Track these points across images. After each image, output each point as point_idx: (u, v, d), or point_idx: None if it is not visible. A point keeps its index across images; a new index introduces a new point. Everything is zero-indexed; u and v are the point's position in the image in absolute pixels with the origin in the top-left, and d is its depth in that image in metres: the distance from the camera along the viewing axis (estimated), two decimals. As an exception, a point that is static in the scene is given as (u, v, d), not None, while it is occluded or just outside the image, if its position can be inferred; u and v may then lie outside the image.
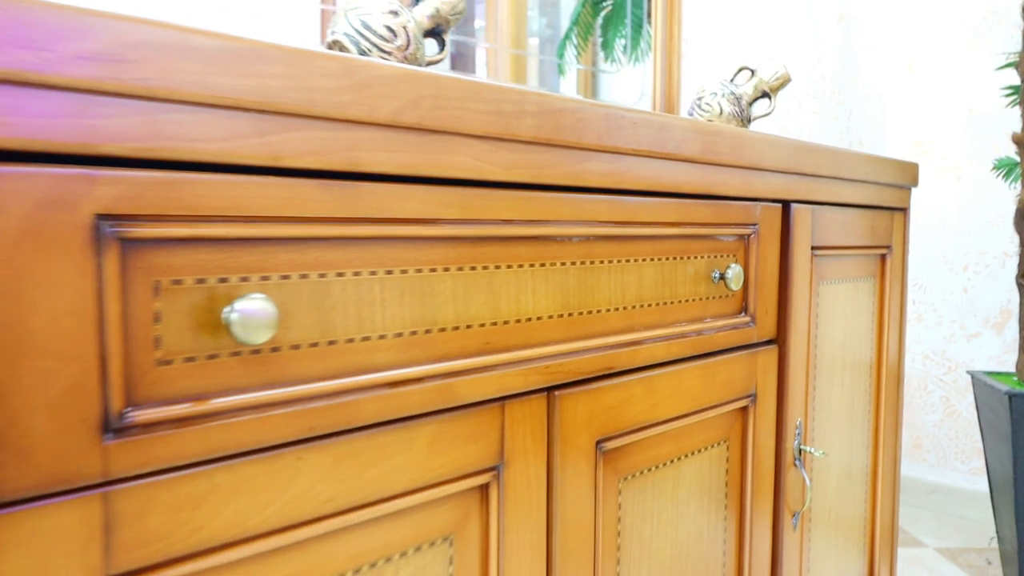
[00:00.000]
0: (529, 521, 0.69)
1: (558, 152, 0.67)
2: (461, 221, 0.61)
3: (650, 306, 0.81)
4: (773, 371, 0.99)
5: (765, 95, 1.22)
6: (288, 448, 0.52)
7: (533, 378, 0.68)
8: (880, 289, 1.25)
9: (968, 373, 1.93)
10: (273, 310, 0.48)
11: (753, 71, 1.24)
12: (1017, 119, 2.12)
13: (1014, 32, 2.18)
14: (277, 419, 0.51)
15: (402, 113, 0.55)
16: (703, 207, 0.85)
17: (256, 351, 0.50)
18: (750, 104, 1.22)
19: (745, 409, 0.96)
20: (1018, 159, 1.78)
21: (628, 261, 0.78)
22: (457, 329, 0.62)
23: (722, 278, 0.89)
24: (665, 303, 0.82)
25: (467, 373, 0.63)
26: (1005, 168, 1.93)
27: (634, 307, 0.79)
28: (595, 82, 1.89)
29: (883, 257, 1.25)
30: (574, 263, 0.72)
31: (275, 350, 0.51)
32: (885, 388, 1.27)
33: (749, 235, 0.94)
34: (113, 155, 0.42)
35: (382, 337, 0.57)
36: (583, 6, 1.99)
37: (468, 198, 0.61)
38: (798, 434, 1.04)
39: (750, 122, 1.24)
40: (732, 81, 1.24)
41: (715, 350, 0.90)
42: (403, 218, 0.57)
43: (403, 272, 0.58)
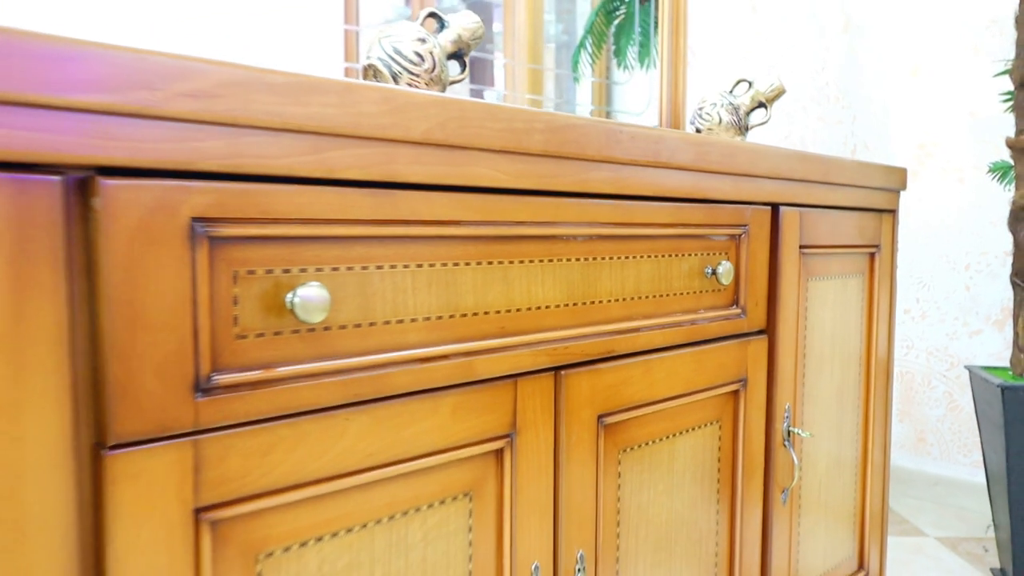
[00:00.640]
0: (538, 483, 0.79)
1: (564, 163, 0.77)
2: (480, 222, 0.72)
3: (647, 298, 0.91)
4: (763, 359, 1.09)
5: (761, 105, 1.32)
6: (337, 410, 0.63)
7: (542, 359, 0.78)
8: (869, 285, 1.35)
9: (966, 368, 2.01)
10: (326, 296, 0.59)
11: (750, 83, 1.33)
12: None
13: (1014, 40, 2.25)
14: (328, 386, 0.62)
15: (431, 132, 0.65)
16: (696, 210, 0.95)
17: (312, 329, 0.61)
18: (747, 114, 1.32)
19: (736, 393, 1.06)
20: (1012, 163, 1.86)
21: (627, 258, 0.88)
22: (476, 315, 0.73)
23: (714, 273, 0.99)
24: (661, 295, 0.93)
25: (484, 353, 0.73)
26: (1000, 171, 2.00)
27: (633, 298, 0.89)
28: (609, 88, 1.99)
29: (872, 256, 1.34)
30: (578, 259, 0.82)
31: (327, 329, 0.62)
32: (875, 378, 1.37)
33: (740, 235, 1.03)
34: (205, 170, 0.53)
35: (413, 320, 0.68)
36: (597, 15, 2.09)
37: (486, 203, 0.72)
38: (787, 417, 1.14)
39: (748, 130, 1.33)
40: (731, 92, 1.34)
41: (708, 338, 1.00)
42: (431, 220, 0.67)
43: (431, 265, 0.69)
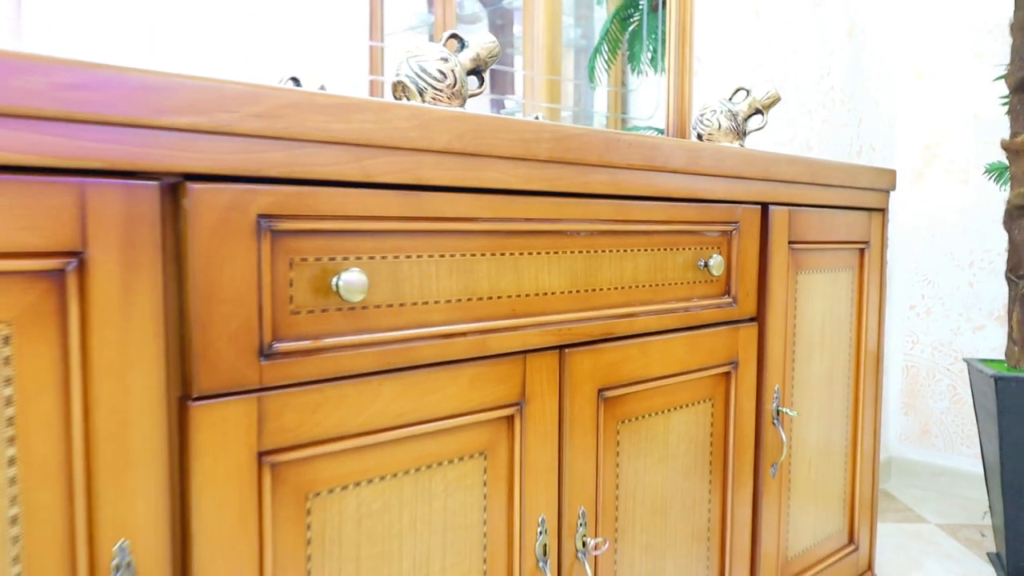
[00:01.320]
0: (545, 446, 0.91)
1: (567, 168, 0.89)
2: (494, 219, 0.83)
3: (644, 286, 1.02)
4: (753, 344, 1.20)
5: (758, 112, 1.43)
6: (373, 376, 0.75)
7: (548, 338, 0.90)
8: (859, 279, 1.45)
9: (964, 360, 2.09)
10: (365, 280, 0.71)
11: (748, 91, 1.44)
12: (1017, 125, 2.27)
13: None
14: (366, 355, 0.74)
15: (452, 143, 0.77)
16: (689, 208, 1.06)
17: (352, 308, 0.73)
18: (745, 120, 1.43)
19: (728, 374, 1.17)
20: (1008, 164, 1.94)
21: (625, 251, 0.99)
22: (491, 299, 0.84)
23: (706, 266, 1.10)
24: (657, 284, 1.04)
25: (498, 331, 0.85)
26: (996, 172, 2.09)
27: (631, 287, 1.00)
28: (624, 93, 2.09)
29: (862, 251, 1.44)
30: (581, 251, 0.94)
31: (364, 308, 0.74)
32: (865, 366, 1.47)
33: (731, 231, 1.14)
34: (268, 176, 0.66)
35: (437, 302, 0.80)
36: (611, 21, 2.20)
37: (499, 202, 0.83)
38: (776, 397, 1.24)
39: (745, 135, 1.44)
40: (730, 100, 1.45)
41: (700, 324, 1.11)
42: (452, 217, 0.79)
43: (452, 256, 0.80)
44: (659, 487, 1.07)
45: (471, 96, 1.05)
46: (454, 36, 1.04)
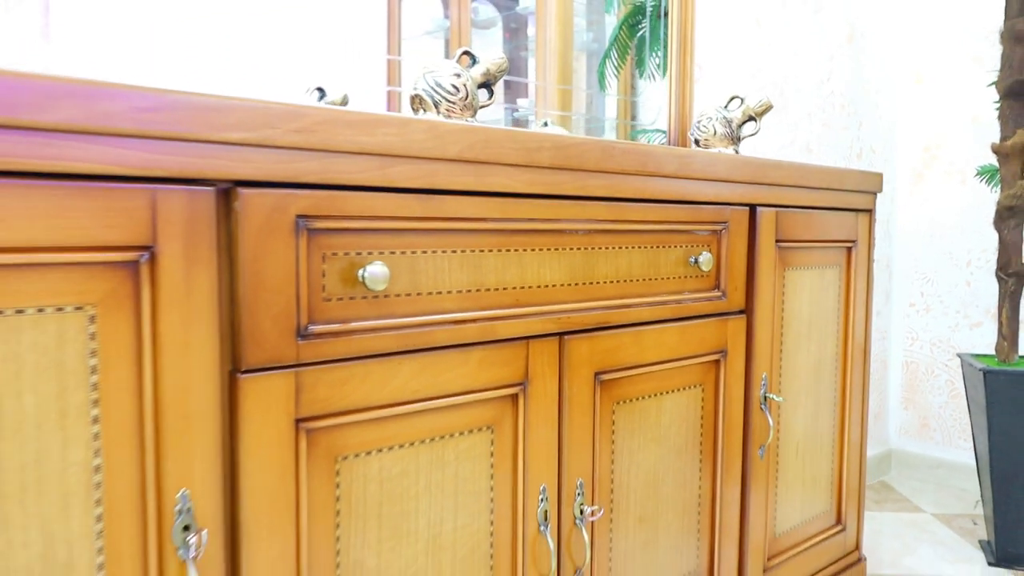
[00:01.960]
0: (546, 423, 1.01)
1: (567, 173, 0.99)
2: (501, 219, 0.94)
3: (638, 280, 1.13)
4: (742, 334, 1.30)
5: (751, 119, 1.52)
6: (393, 356, 0.86)
7: (549, 325, 1.01)
8: (847, 275, 1.54)
9: (957, 355, 2.18)
10: (387, 272, 0.82)
11: (742, 99, 1.54)
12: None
13: (1011, 50, 2.40)
14: (387, 338, 0.85)
15: (463, 152, 0.88)
16: (680, 210, 1.17)
17: (376, 296, 0.84)
18: (739, 126, 1.52)
19: (717, 362, 1.27)
20: (998, 166, 2.03)
21: (621, 248, 1.10)
22: (497, 289, 0.95)
23: (696, 262, 1.20)
24: (650, 279, 1.14)
25: (503, 319, 0.96)
26: (988, 174, 2.17)
27: (625, 280, 1.11)
28: (634, 94, 2.20)
29: (849, 249, 1.54)
30: (580, 248, 1.04)
31: (386, 296, 0.85)
32: (852, 357, 1.56)
33: (721, 230, 1.24)
34: (305, 182, 0.77)
35: (449, 292, 0.90)
36: (620, 28, 2.30)
37: (505, 204, 0.94)
38: (764, 384, 1.34)
39: (739, 141, 1.54)
40: (726, 107, 1.55)
41: (691, 315, 1.21)
42: (463, 217, 0.90)
43: (463, 251, 0.91)
44: (652, 464, 1.18)
45: (481, 107, 1.15)
46: (466, 53, 1.15)
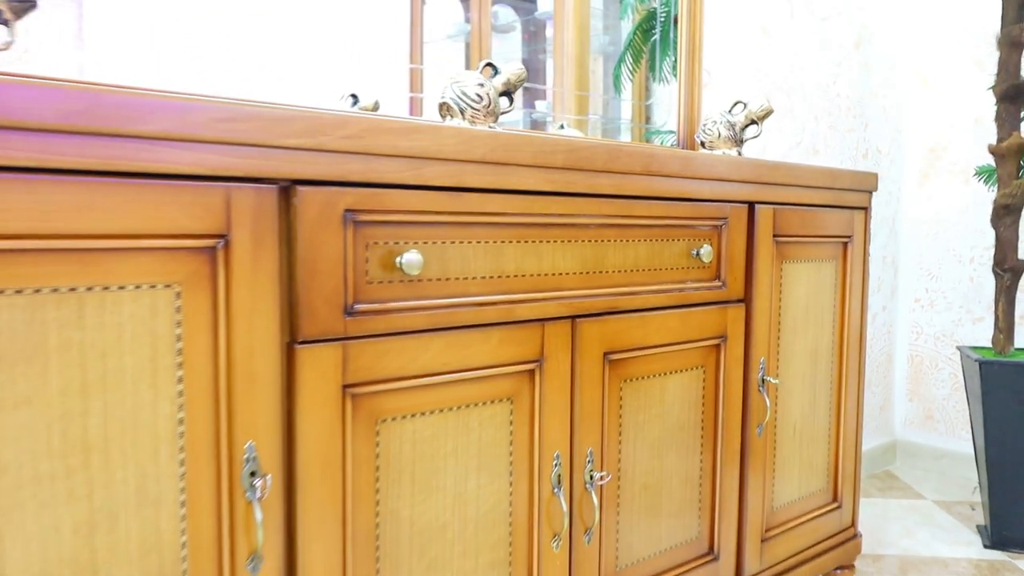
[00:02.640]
0: (560, 396, 1.14)
1: (578, 173, 1.11)
2: (519, 214, 1.06)
3: (644, 270, 1.24)
4: (741, 321, 1.41)
5: (753, 122, 1.64)
6: (425, 333, 0.98)
7: (562, 309, 1.13)
8: (843, 269, 1.65)
9: (957, 348, 2.27)
10: (420, 259, 0.94)
11: (745, 104, 1.65)
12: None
13: (1012, 54, 2.49)
14: (419, 316, 0.97)
15: (487, 155, 1.00)
16: (683, 207, 1.28)
17: (410, 280, 0.97)
18: (742, 129, 1.64)
19: (718, 346, 1.38)
20: (995, 167, 2.12)
21: (628, 241, 1.21)
22: (516, 276, 1.07)
23: (698, 254, 1.31)
24: (655, 268, 1.26)
25: (522, 303, 1.08)
26: (985, 174, 2.26)
27: (632, 270, 1.23)
28: (648, 96, 2.31)
29: (845, 244, 1.65)
30: (590, 240, 1.16)
31: (419, 280, 0.97)
32: (848, 343, 1.67)
33: (721, 225, 1.36)
34: (351, 180, 0.89)
35: (473, 278, 1.03)
36: (635, 33, 2.42)
37: (523, 201, 1.06)
38: (762, 367, 1.46)
39: (743, 143, 1.65)
40: (730, 112, 1.66)
41: (693, 303, 1.33)
42: (486, 212, 1.02)
43: (486, 242, 1.04)
44: (657, 437, 1.30)
45: (502, 114, 1.28)
46: (489, 64, 1.27)
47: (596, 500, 1.19)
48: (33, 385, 0.71)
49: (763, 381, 1.46)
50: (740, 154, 1.66)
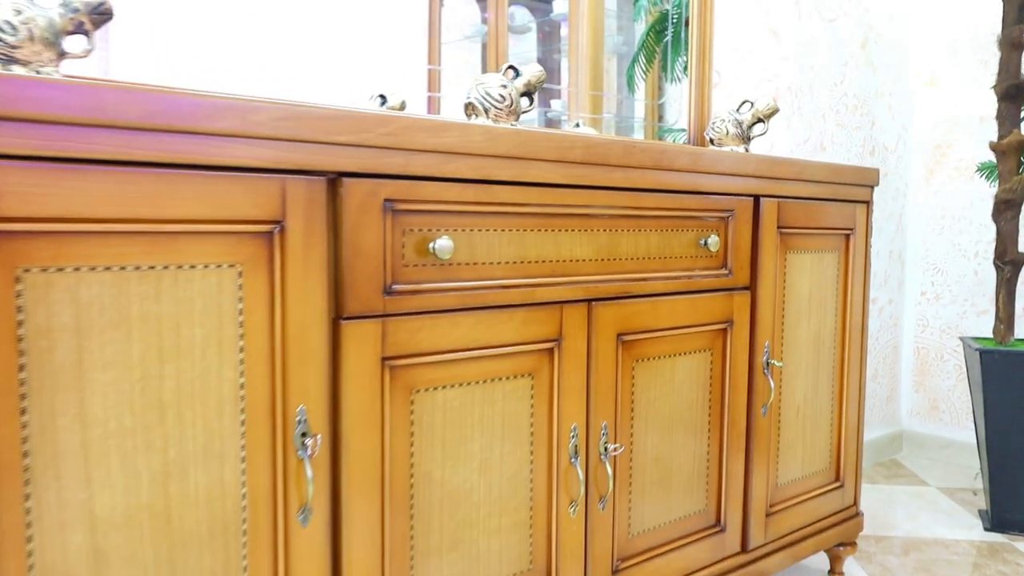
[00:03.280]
0: (577, 373, 1.23)
1: (594, 168, 1.21)
2: (540, 205, 1.16)
3: (654, 258, 1.34)
4: (746, 307, 1.50)
5: (760, 120, 1.72)
6: (454, 312, 1.08)
7: (579, 293, 1.22)
8: (845, 259, 1.74)
9: (960, 339, 2.35)
10: (451, 245, 1.04)
11: (752, 103, 1.74)
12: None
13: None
14: (450, 297, 1.07)
15: (511, 150, 1.10)
16: (691, 199, 1.38)
17: (442, 264, 1.07)
18: (749, 127, 1.73)
19: (724, 330, 1.47)
20: (996, 163, 2.20)
21: (640, 230, 1.31)
22: (537, 262, 1.17)
23: (706, 244, 1.41)
24: (665, 257, 1.35)
25: (541, 286, 1.18)
26: (987, 170, 2.34)
27: (643, 258, 1.32)
28: (661, 95, 2.40)
29: (848, 236, 1.73)
30: (605, 230, 1.26)
31: (450, 264, 1.07)
32: (850, 330, 1.76)
33: (728, 217, 1.45)
34: (391, 173, 1.00)
35: (498, 263, 1.13)
36: (647, 34, 2.51)
37: (543, 192, 1.16)
38: (766, 351, 1.55)
39: (750, 140, 1.74)
40: (737, 110, 1.75)
41: (701, 289, 1.42)
42: (510, 203, 1.12)
43: (509, 230, 1.13)
44: (667, 414, 1.39)
45: (523, 113, 1.37)
46: (511, 67, 1.37)
47: (610, 470, 1.29)
48: (119, 350, 0.81)
49: (768, 364, 1.55)
50: (747, 150, 1.75)
